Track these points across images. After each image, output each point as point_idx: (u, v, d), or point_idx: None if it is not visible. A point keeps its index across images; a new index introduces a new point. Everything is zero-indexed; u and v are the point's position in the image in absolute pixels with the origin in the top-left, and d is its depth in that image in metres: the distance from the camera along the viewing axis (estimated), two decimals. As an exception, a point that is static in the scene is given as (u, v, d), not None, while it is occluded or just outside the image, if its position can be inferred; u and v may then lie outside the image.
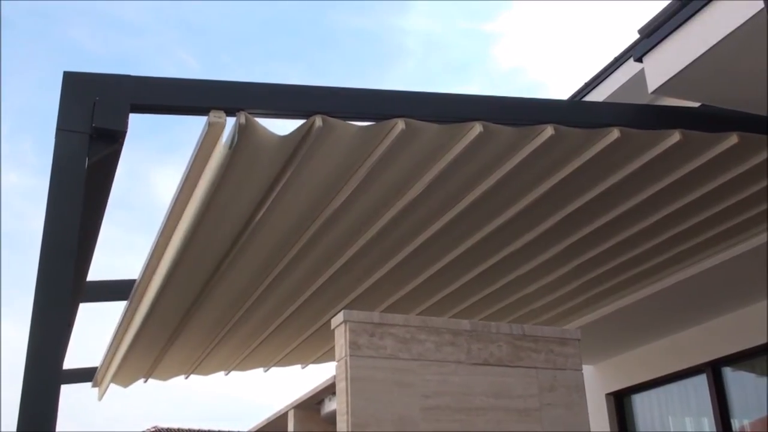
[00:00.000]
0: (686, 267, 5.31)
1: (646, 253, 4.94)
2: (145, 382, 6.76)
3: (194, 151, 3.10)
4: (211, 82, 3.00)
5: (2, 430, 5.46)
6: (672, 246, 4.86)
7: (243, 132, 2.95)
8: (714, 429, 6.45)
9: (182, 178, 3.35)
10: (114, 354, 5.90)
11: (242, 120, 2.90)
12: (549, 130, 3.40)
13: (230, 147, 2.98)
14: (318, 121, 3.04)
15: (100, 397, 6.83)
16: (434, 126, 3.28)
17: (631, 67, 4.86)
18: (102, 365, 6.24)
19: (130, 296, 4.90)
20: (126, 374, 6.41)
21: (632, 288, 5.65)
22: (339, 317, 3.33)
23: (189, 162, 3.21)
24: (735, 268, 5.21)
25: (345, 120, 3.12)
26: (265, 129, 3.01)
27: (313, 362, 7.00)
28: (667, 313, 6.22)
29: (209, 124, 2.89)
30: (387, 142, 3.30)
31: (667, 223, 4.50)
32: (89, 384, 6.75)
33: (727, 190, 4.16)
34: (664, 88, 3.52)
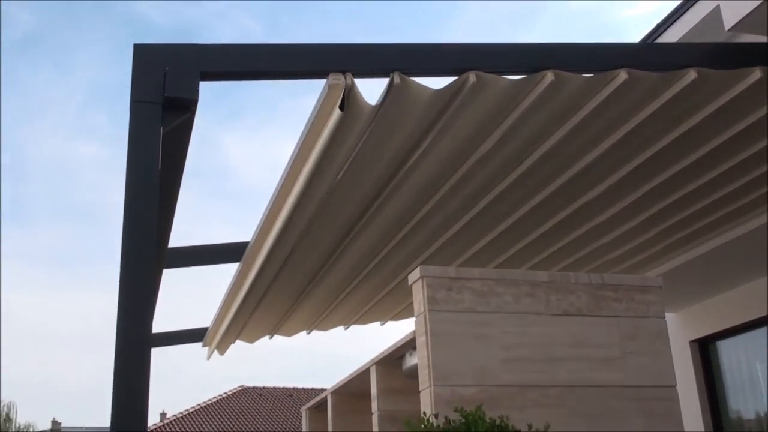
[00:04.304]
0: (771, 209, 5.14)
1: (727, 197, 4.80)
2: (234, 343, 6.96)
3: (313, 113, 3.20)
4: (321, 46, 3.12)
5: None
6: (755, 188, 4.71)
7: (349, 94, 3.03)
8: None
9: (300, 140, 3.44)
10: (224, 317, 6.11)
11: (349, 81, 2.98)
12: (623, 75, 3.32)
13: (342, 108, 3.07)
14: (396, 78, 3.06)
15: (209, 357, 7.09)
16: (505, 78, 3.24)
17: (704, 6, 4.68)
18: (212, 326, 6.47)
19: (242, 260, 5.06)
20: (225, 339, 6.65)
21: (715, 232, 5.51)
22: (416, 273, 3.35)
23: (307, 124, 3.31)
24: (823, 208, 5.03)
25: (423, 76, 3.15)
26: (362, 96, 3.08)
27: (392, 319, 7.07)
28: (752, 257, 6.05)
29: (329, 87, 2.97)
30: (459, 97, 3.28)
31: (748, 165, 4.36)
32: (175, 346, 6.99)
33: (812, 127, 4.00)
34: (742, 24, 3.39)
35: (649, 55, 3.53)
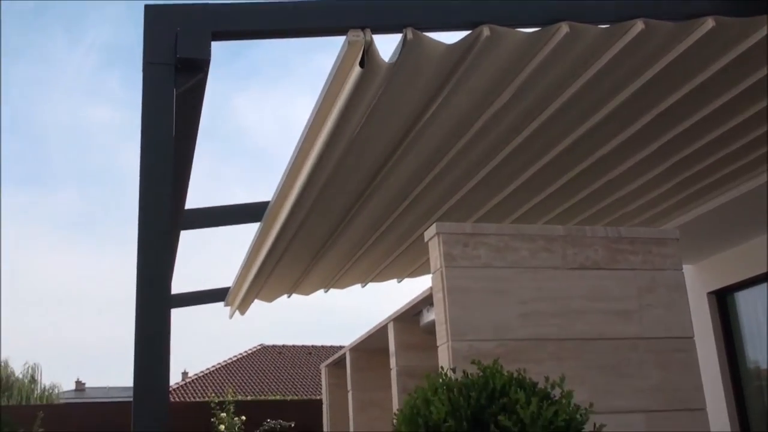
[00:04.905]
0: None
1: (743, 149, 4.75)
2: (253, 302, 7.03)
3: (332, 70, 3.18)
4: (336, 2, 3.07)
5: None
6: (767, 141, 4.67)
7: (369, 52, 3.01)
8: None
9: (319, 98, 3.43)
10: (245, 276, 6.17)
11: (368, 38, 2.96)
12: (639, 25, 3.27)
13: (362, 65, 3.04)
14: (409, 33, 3.04)
15: (231, 316, 7.18)
16: (519, 31, 3.20)
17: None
18: (234, 286, 6.54)
19: (263, 220, 5.10)
20: (246, 298, 6.72)
21: (731, 184, 5.47)
22: (432, 229, 3.36)
23: (326, 82, 3.29)
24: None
25: (436, 31, 3.13)
26: (379, 54, 3.06)
27: (409, 276, 7.10)
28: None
29: (348, 44, 2.95)
30: (473, 51, 3.24)
31: (764, 116, 4.31)
32: (196, 306, 7.08)
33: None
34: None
35: (665, 4, 3.47)
